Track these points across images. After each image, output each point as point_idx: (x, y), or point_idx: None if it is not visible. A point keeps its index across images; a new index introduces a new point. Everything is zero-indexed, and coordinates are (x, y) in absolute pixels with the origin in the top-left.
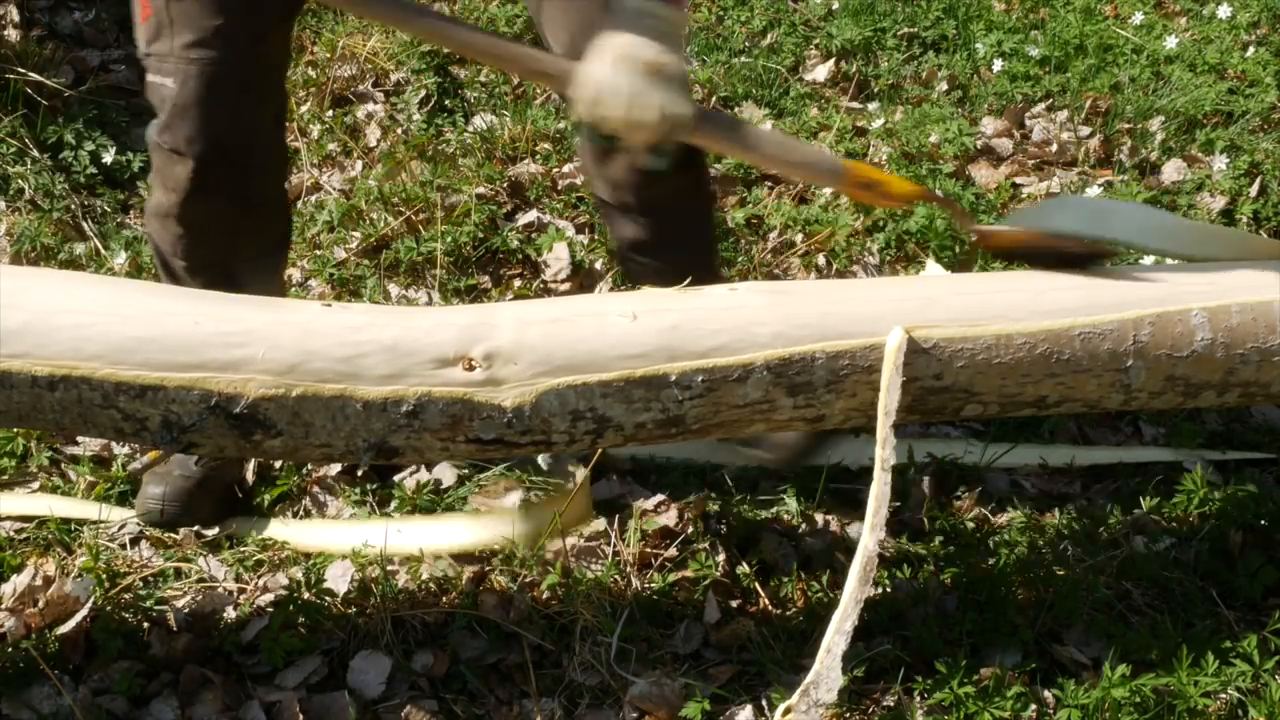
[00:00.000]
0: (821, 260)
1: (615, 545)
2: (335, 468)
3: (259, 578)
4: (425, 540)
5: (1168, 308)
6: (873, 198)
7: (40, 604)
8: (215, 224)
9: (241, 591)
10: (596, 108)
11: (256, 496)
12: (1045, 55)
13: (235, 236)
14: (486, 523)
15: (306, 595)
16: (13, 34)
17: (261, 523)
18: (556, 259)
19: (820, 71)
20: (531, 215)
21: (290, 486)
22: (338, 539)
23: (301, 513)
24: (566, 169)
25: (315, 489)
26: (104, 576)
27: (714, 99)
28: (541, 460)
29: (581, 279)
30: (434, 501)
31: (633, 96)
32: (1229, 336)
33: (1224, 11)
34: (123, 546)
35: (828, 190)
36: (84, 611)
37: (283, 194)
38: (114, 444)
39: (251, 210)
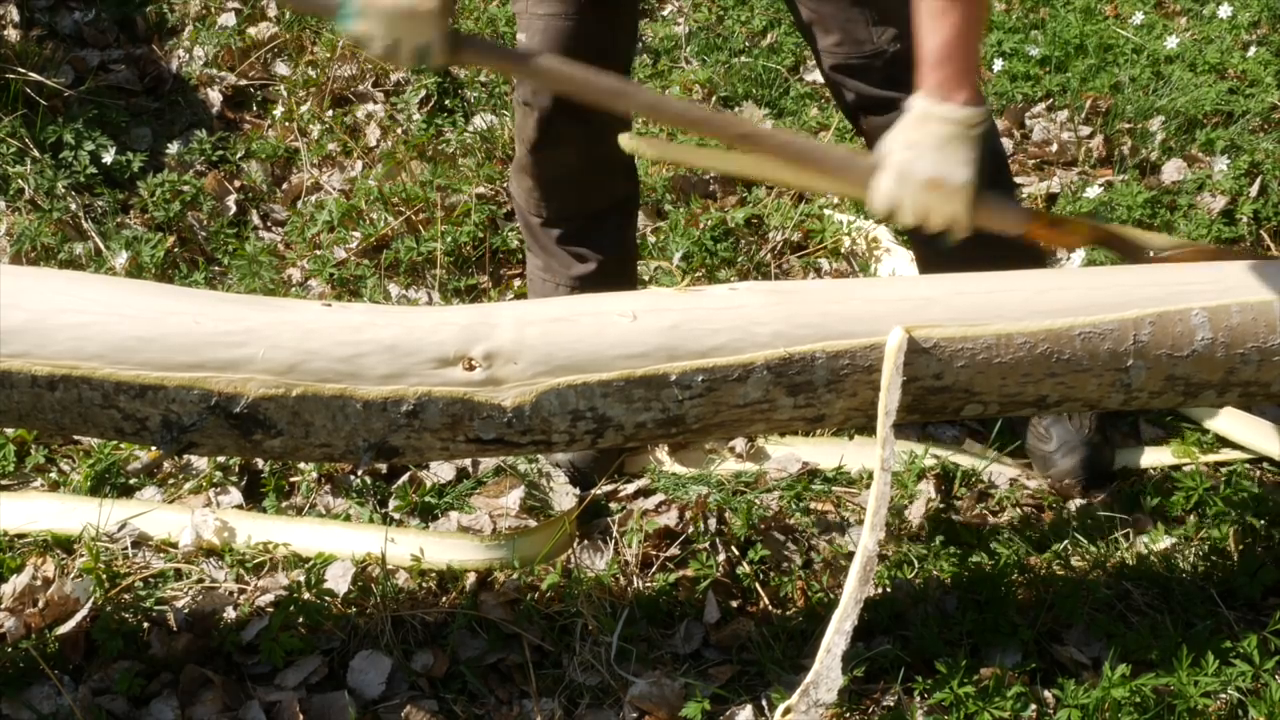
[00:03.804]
0: (822, 261)
1: (616, 545)
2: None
3: (259, 578)
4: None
5: (1168, 307)
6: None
7: (40, 604)
8: (562, 175)
9: (241, 592)
10: (891, 218)
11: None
12: (1045, 55)
13: (582, 190)
14: (481, 546)
15: (306, 595)
16: (13, 34)
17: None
18: None
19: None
20: None
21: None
22: (337, 542)
23: (307, 508)
24: None
25: (316, 488)
26: (104, 577)
27: (714, 99)
28: None
29: None
30: (434, 503)
31: (916, 210)
32: (1229, 336)
33: (1224, 11)
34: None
35: (836, 198)
36: (84, 611)
37: (628, 156)
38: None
39: (596, 166)
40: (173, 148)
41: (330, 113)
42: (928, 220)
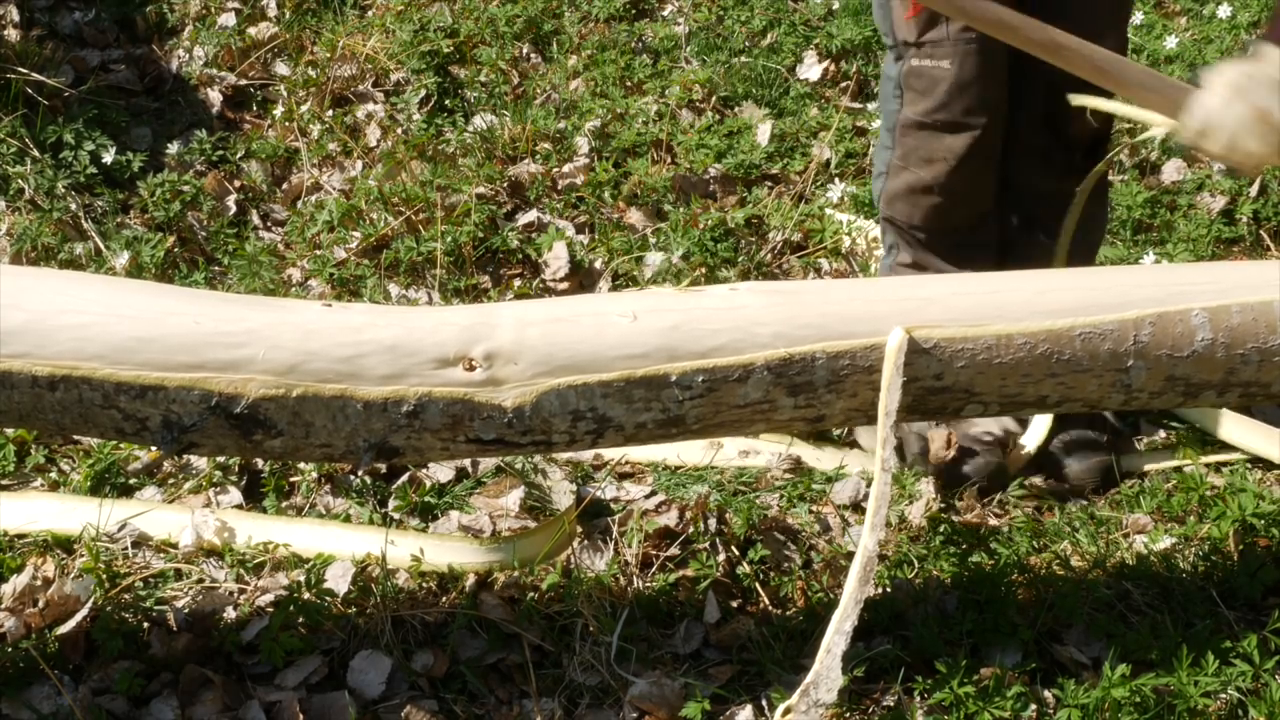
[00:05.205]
0: (822, 261)
1: (616, 545)
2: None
3: (259, 578)
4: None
5: (1168, 308)
6: None
7: (40, 604)
8: (973, 190)
9: (241, 592)
10: (1200, 138)
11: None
12: None
13: (983, 204)
14: (481, 549)
15: (306, 595)
16: (13, 34)
17: None
18: (556, 259)
19: (817, 70)
20: (531, 215)
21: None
22: (337, 542)
23: (307, 508)
24: (566, 169)
25: (316, 488)
26: (104, 577)
27: (714, 99)
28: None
29: (581, 278)
30: (434, 503)
31: (1232, 135)
32: (1229, 336)
33: (1224, 11)
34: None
35: (832, 194)
36: (84, 611)
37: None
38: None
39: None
40: (173, 148)
41: (330, 113)
42: (1233, 150)
